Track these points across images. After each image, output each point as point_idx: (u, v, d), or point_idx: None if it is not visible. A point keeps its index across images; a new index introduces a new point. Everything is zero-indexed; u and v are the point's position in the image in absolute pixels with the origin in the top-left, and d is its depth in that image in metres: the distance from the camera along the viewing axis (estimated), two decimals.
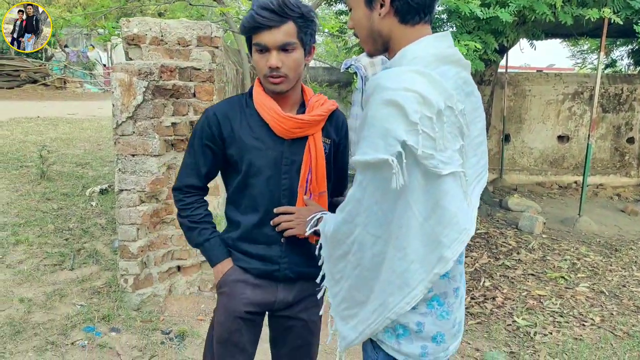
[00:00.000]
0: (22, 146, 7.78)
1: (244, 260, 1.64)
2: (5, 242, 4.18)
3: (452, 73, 1.13)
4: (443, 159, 1.05)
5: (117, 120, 3.28)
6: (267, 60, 1.47)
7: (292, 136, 1.56)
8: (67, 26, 4.62)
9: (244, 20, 1.49)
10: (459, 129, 1.09)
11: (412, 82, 1.04)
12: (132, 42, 3.48)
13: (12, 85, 18.79)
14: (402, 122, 1.02)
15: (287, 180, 1.58)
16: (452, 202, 1.07)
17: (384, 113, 1.03)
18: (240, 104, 1.61)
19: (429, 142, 1.03)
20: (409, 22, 1.17)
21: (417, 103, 1.02)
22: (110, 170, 6.65)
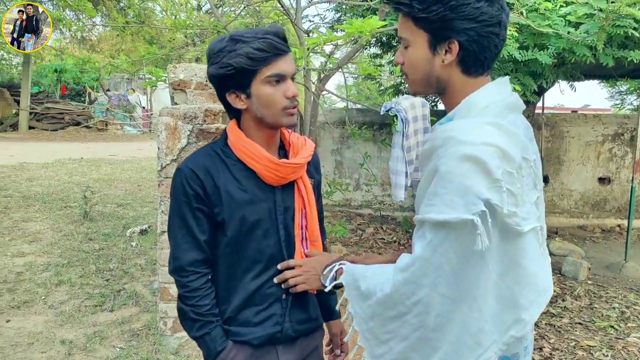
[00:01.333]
0: (66, 187, 8.01)
1: (242, 333, 1.42)
2: (48, 283, 4.25)
3: (520, 120, 1.10)
4: (523, 214, 1.00)
5: (161, 163, 3.34)
6: (285, 90, 1.33)
7: (283, 182, 1.43)
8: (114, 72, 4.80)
9: (251, 50, 1.29)
10: (534, 180, 1.06)
11: (490, 135, 1.00)
12: (177, 87, 3.59)
13: (56, 127, 19.58)
14: (484, 179, 0.97)
15: (284, 230, 1.44)
16: (531, 260, 1.02)
17: (462, 169, 0.98)
18: (217, 155, 1.39)
19: (511, 199, 0.99)
20: (472, 74, 1.12)
21: (498, 158, 0.98)
22: (150, 211, 6.76)
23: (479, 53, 1.08)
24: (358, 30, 2.49)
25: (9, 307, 3.78)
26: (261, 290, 1.42)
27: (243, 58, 1.30)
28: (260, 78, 1.32)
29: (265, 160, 1.37)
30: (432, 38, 1.10)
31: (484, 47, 1.07)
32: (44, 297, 3.98)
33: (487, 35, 1.06)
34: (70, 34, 19.09)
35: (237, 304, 1.42)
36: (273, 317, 1.44)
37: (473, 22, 1.05)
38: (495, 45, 1.08)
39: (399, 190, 3.78)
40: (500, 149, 0.98)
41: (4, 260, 4.72)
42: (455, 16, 1.05)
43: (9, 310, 3.73)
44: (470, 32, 1.06)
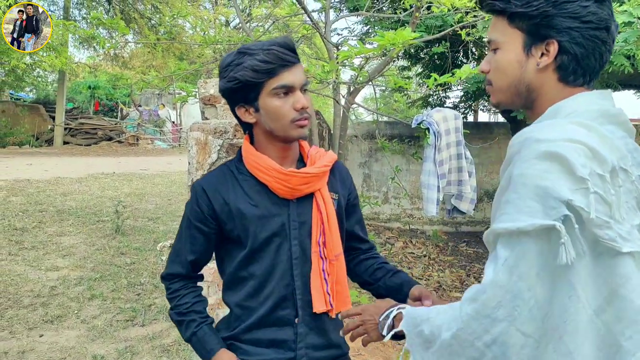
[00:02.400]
0: (99, 201, 8.15)
1: (252, 353, 1.37)
2: (81, 297, 4.29)
3: (621, 134, 0.92)
4: (622, 232, 0.82)
5: (192, 178, 3.35)
6: (293, 102, 1.28)
7: (297, 195, 1.36)
8: (146, 87, 4.87)
9: (256, 62, 1.27)
10: (637, 199, 0.88)
11: (575, 133, 0.85)
12: (208, 102, 3.60)
13: (90, 142, 20.08)
14: (566, 178, 0.81)
15: (298, 247, 1.36)
16: (636, 292, 0.82)
17: (539, 168, 0.83)
18: (231, 172, 1.39)
19: (602, 206, 0.82)
20: (570, 83, 0.96)
21: (584, 156, 0.82)
22: None
23: (581, 58, 0.94)
24: (390, 42, 2.45)
25: (43, 321, 3.82)
26: (275, 310, 1.36)
27: (248, 71, 1.27)
28: (267, 90, 1.29)
29: (273, 171, 1.33)
30: (528, 38, 0.97)
31: (588, 53, 0.93)
32: (76, 312, 4.01)
33: (593, 39, 0.93)
34: (103, 51, 19.59)
35: (249, 322, 1.37)
36: (287, 342, 1.37)
37: (578, 21, 0.92)
38: (600, 53, 0.94)
39: (430, 204, 3.70)
40: (588, 147, 0.83)
41: (38, 274, 4.79)
42: (558, 12, 0.93)
43: (43, 325, 3.76)
44: (574, 33, 0.93)
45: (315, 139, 4.89)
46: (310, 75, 4.69)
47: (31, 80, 23.81)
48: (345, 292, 1.42)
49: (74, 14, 20.17)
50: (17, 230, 6.08)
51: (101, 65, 23.37)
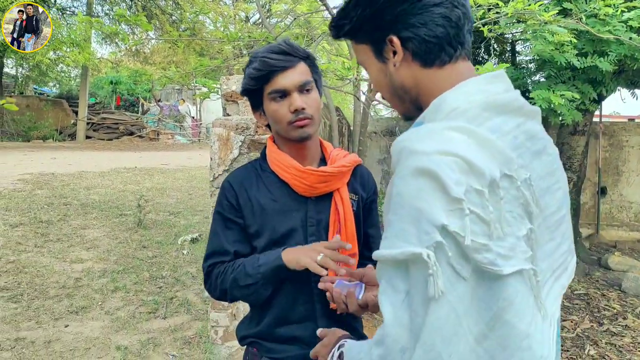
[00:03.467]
0: (121, 195, 8.29)
1: (277, 350, 1.40)
2: (105, 289, 4.38)
3: (511, 126, 0.81)
4: (502, 251, 0.72)
5: (214, 173, 3.39)
6: (289, 104, 1.33)
7: (316, 193, 1.40)
8: (169, 83, 4.93)
9: (251, 70, 1.34)
10: (524, 206, 0.76)
11: (450, 142, 0.75)
12: (230, 98, 3.64)
13: (111, 137, 20.37)
14: (440, 198, 0.72)
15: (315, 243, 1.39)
16: (520, 316, 0.73)
17: (414, 187, 0.74)
18: (255, 169, 1.45)
19: (480, 226, 0.72)
20: (434, 63, 0.87)
21: (459, 171, 0.72)
22: (201, 220, 6.89)
23: (425, 36, 0.86)
24: None
25: (68, 312, 3.92)
26: (294, 306, 1.39)
27: (247, 79, 1.37)
28: (265, 95, 1.36)
29: (292, 169, 1.38)
30: (372, 46, 0.93)
31: (428, 28, 0.85)
32: (100, 303, 4.10)
33: (421, 12, 0.85)
34: (125, 47, 19.83)
35: (270, 319, 1.40)
36: (308, 337, 1.37)
37: (396, 8, 0.86)
38: (443, 16, 0.85)
39: None
40: (463, 159, 0.73)
41: (63, 266, 4.91)
42: (375, 11, 0.88)
43: (68, 315, 3.86)
44: (400, 19, 0.87)
45: (335, 135, 4.91)
46: (331, 71, 4.71)
47: (54, 75, 24.25)
48: None
49: (97, 10, 20.44)
50: (42, 223, 6.22)
51: (123, 60, 23.67)
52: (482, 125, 0.79)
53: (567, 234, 0.89)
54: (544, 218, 0.82)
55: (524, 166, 0.79)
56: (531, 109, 0.86)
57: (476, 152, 0.75)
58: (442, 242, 0.71)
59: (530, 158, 0.82)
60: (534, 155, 0.83)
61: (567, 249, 0.89)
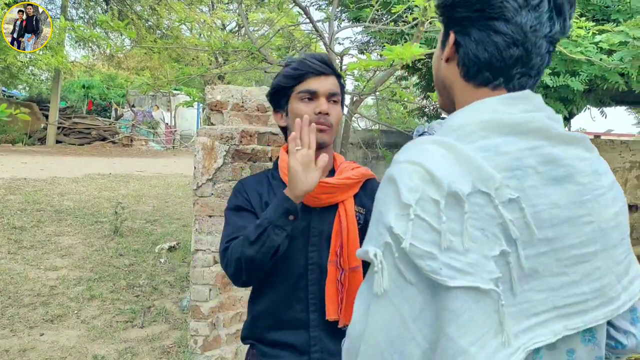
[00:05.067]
0: (96, 202, 8.15)
1: (270, 355, 1.42)
2: (81, 297, 4.32)
3: (516, 147, 0.77)
4: (457, 264, 0.71)
5: (197, 182, 3.40)
6: (315, 106, 1.38)
7: (319, 203, 1.41)
8: (149, 90, 4.92)
9: (288, 70, 1.41)
10: (501, 225, 0.73)
11: (422, 154, 0.76)
12: (214, 108, 3.66)
13: (83, 142, 19.99)
14: (394, 203, 0.74)
15: (315, 253, 1.41)
16: (462, 332, 0.70)
17: (382, 192, 0.79)
18: (267, 178, 1.50)
19: (426, 233, 0.72)
20: (471, 80, 0.86)
21: (417, 179, 0.74)
22: (178, 228, 6.84)
23: (474, 51, 0.84)
24: (399, 57, 2.53)
25: (43, 320, 3.85)
26: (286, 312, 1.42)
27: (281, 77, 1.43)
28: (294, 95, 1.41)
29: None
30: (443, 30, 0.91)
31: (477, 46, 0.84)
32: (76, 312, 4.04)
33: (485, 29, 0.83)
34: (99, 51, 19.55)
35: (266, 323, 1.44)
36: (301, 345, 1.40)
37: (468, 10, 0.84)
38: (496, 46, 0.82)
39: None
40: (424, 169, 0.74)
41: (37, 273, 4.82)
42: (455, 1, 0.86)
43: (43, 324, 3.79)
44: (465, 22, 0.85)
45: None
46: None
47: (25, 78, 23.72)
48: None
49: (72, 14, 20.14)
50: (15, 229, 6.09)
51: (96, 64, 23.32)
52: (473, 142, 0.78)
53: (595, 276, 0.80)
54: (553, 249, 0.77)
55: (515, 187, 0.75)
56: (562, 133, 0.80)
57: (445, 165, 0.75)
58: (389, 243, 0.74)
59: (538, 181, 0.77)
60: (550, 181, 0.78)
61: (590, 290, 0.80)
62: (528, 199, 0.75)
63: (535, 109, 0.81)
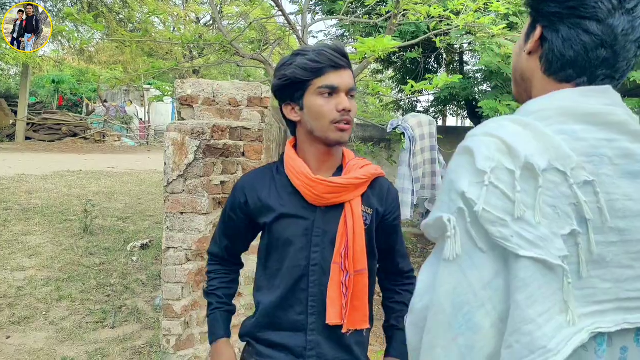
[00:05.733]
0: (66, 200, 7.96)
1: (264, 355, 1.39)
2: (49, 298, 4.20)
3: (594, 137, 0.77)
4: (528, 235, 0.71)
5: (168, 179, 3.32)
6: (336, 103, 1.31)
7: (324, 203, 1.35)
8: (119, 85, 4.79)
9: (305, 61, 1.32)
10: (575, 206, 0.73)
11: (500, 128, 0.77)
12: (185, 102, 3.57)
13: (53, 138, 19.52)
14: (468, 171, 0.76)
15: (319, 254, 1.35)
16: (531, 302, 0.70)
17: (455, 163, 0.79)
18: (271, 172, 1.44)
19: (500, 201, 0.72)
20: (554, 75, 0.85)
21: (494, 149, 0.75)
22: (151, 225, 6.72)
23: (560, 48, 0.83)
24: (371, 49, 2.49)
25: (10, 322, 3.73)
26: (285, 313, 1.38)
27: (297, 69, 1.32)
28: (313, 89, 1.33)
29: (302, 176, 1.35)
30: (530, 24, 0.90)
31: (565, 43, 0.83)
32: (44, 313, 3.92)
33: (575, 28, 0.81)
34: (69, 45, 19.10)
35: (258, 321, 1.42)
36: (298, 348, 1.36)
37: (560, 6, 0.83)
38: (584, 46, 0.81)
39: (405, 208, 3.76)
40: (502, 141, 0.75)
41: (4, 274, 4.67)
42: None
43: (10, 326, 3.67)
44: (554, 18, 0.84)
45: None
46: None
47: None
48: (363, 310, 1.38)
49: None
50: None
51: (66, 59, 22.79)
52: (550, 125, 0.77)
53: None
54: (623, 240, 0.76)
55: (591, 172, 0.75)
56: (635, 129, 0.79)
57: (522, 140, 0.75)
58: (462, 209, 0.74)
59: (613, 172, 0.76)
60: (626, 174, 0.77)
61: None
62: (603, 185, 0.75)
63: (614, 104, 0.80)
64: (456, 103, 8.50)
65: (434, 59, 7.99)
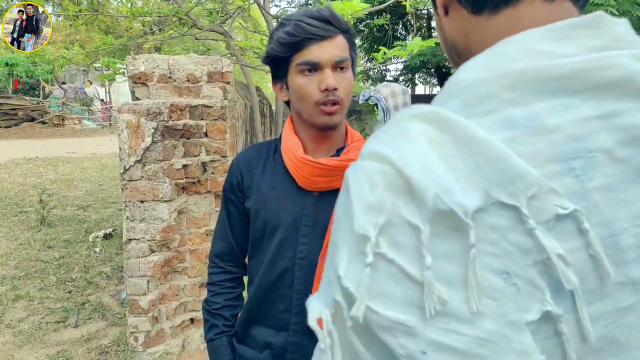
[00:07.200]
0: (21, 190, 7.52)
1: (245, 356, 1.30)
2: (4, 299, 3.89)
3: (578, 117, 0.44)
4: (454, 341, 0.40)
5: (124, 165, 3.05)
6: (319, 81, 1.12)
7: (317, 188, 1.20)
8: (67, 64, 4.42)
9: (282, 35, 1.14)
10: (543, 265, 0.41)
11: (397, 141, 0.45)
12: (138, 80, 3.27)
13: (9, 124, 18.68)
14: (346, 232, 0.45)
15: (306, 246, 1.20)
16: None
17: (338, 207, 0.48)
18: (268, 150, 1.30)
19: (397, 287, 0.41)
20: (484, 8, 0.53)
21: (382, 188, 0.43)
22: (114, 212, 6.39)
23: None
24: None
25: None
26: (269, 309, 1.25)
27: (276, 44, 1.17)
28: (293, 67, 1.16)
29: (290, 154, 1.21)
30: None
31: None
32: (0, 315, 3.63)
33: None
34: None
35: (250, 316, 1.30)
36: (279, 348, 1.24)
37: None
38: None
39: None
40: (396, 170, 0.43)
41: None
42: None
43: None
44: None
45: (257, 117, 4.64)
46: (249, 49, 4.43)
47: None
48: None
49: None
50: None
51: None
52: (490, 114, 0.45)
53: None
54: None
55: (570, 191, 0.42)
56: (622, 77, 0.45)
57: (433, 161, 0.42)
58: (339, 302, 0.44)
59: (614, 177, 0.43)
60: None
61: None
62: (596, 211, 0.42)
63: (612, 44, 0.47)
64: (425, 71, 8.32)
65: (401, 25, 7.77)
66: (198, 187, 3.28)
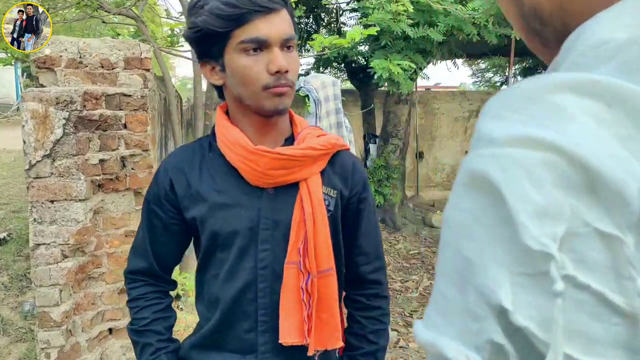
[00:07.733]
0: None
1: None
2: None
3: None
4: None
5: (29, 160, 2.70)
6: (268, 62, 0.98)
7: (273, 183, 1.05)
8: None
9: (220, 6, 0.96)
10: None
11: (558, 121, 0.29)
12: (43, 65, 2.93)
13: None
14: (501, 249, 0.29)
15: (269, 253, 1.05)
16: None
17: (461, 211, 0.32)
18: (202, 148, 1.13)
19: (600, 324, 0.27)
20: None
21: (553, 185, 0.28)
22: (7, 214, 5.72)
23: None
24: None
25: None
26: (229, 332, 1.09)
27: (210, 16, 0.97)
28: (234, 44, 0.98)
29: (239, 148, 1.03)
30: None
31: None
32: None
33: None
34: None
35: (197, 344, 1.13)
36: None
37: None
38: None
39: None
40: (571, 159, 0.28)
41: None
42: None
43: None
44: None
45: (173, 109, 4.36)
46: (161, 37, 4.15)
47: None
48: (334, 323, 1.07)
49: None
50: None
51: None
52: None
53: None
54: None
55: None
56: None
57: (614, 145, 0.29)
58: (502, 347, 0.29)
59: None
60: None
61: None
62: None
63: None
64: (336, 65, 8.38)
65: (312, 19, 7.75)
66: (116, 184, 2.99)
